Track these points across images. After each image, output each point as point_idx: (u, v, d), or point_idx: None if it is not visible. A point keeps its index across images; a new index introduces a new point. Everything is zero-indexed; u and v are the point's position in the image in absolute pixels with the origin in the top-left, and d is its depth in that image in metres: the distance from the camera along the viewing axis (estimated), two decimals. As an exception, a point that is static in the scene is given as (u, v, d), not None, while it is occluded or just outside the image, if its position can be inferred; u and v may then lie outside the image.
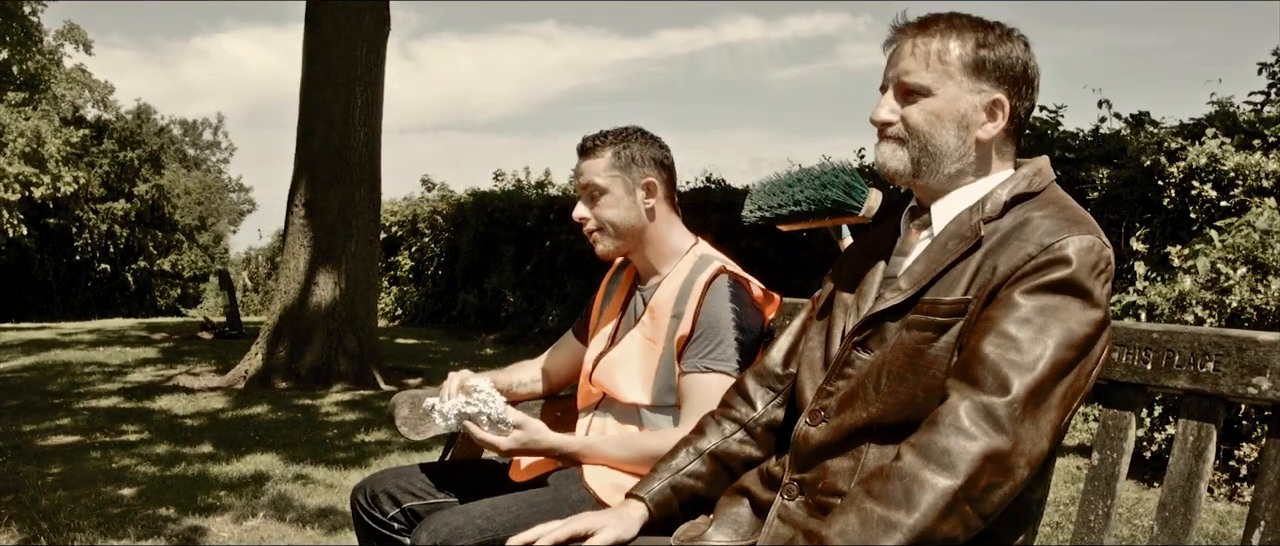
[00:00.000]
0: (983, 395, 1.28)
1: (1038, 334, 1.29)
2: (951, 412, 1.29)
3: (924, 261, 1.44)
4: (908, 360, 1.40)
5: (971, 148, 1.46)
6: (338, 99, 7.67)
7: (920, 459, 1.28)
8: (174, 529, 3.68)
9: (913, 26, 1.48)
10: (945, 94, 1.44)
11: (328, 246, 7.67)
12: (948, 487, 1.25)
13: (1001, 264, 1.35)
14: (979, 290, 1.36)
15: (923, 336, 1.39)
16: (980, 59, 1.43)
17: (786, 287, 2.50)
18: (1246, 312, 4.13)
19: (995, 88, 1.44)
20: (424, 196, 14.63)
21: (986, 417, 1.27)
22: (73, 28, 24.56)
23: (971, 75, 1.43)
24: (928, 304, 1.40)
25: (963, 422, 1.27)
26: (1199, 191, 5.02)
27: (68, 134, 19.81)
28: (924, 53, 1.44)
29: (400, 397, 2.19)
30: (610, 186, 2.02)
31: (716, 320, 1.92)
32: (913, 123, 1.46)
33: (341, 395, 7.13)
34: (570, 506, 1.85)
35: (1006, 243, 1.37)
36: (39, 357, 9.01)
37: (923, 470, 1.26)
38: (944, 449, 1.27)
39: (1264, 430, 4.08)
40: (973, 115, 1.44)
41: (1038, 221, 1.37)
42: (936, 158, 1.46)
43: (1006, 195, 1.43)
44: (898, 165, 1.48)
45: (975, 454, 1.26)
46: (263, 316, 10.32)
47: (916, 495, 1.25)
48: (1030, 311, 1.31)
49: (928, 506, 1.25)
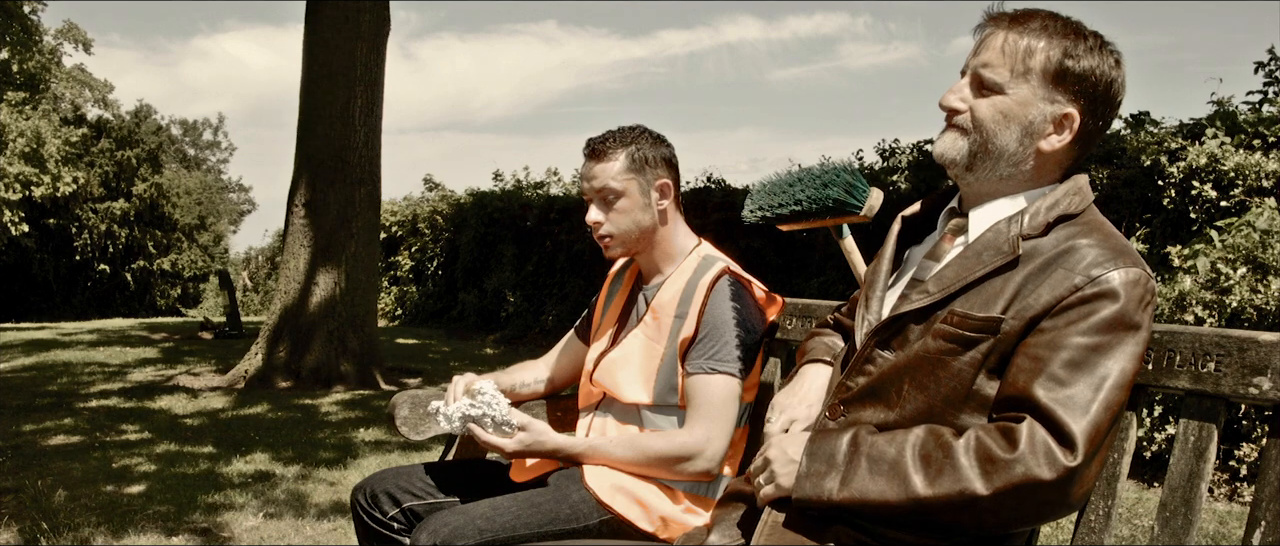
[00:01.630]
0: (1048, 436, 1.27)
1: (1091, 377, 1.29)
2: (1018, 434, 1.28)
3: (955, 268, 1.42)
4: (930, 369, 1.39)
5: (1031, 156, 1.42)
6: (338, 99, 7.68)
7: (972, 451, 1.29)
8: (174, 529, 3.68)
9: (1006, 18, 1.43)
10: (1018, 95, 1.40)
11: (328, 246, 7.68)
12: (974, 492, 1.27)
13: (1045, 293, 1.33)
14: (1018, 313, 1.34)
15: (948, 347, 1.38)
16: (1063, 68, 1.38)
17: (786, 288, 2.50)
18: (1246, 313, 4.13)
19: (1071, 101, 1.39)
20: (424, 196, 14.63)
21: (1048, 459, 1.26)
22: (72, 27, 24.57)
23: (1050, 83, 1.39)
24: (957, 316, 1.38)
25: (1021, 447, 1.27)
26: (1199, 191, 5.02)
27: (68, 133, 19.80)
28: (1010, 48, 1.40)
29: (400, 398, 2.19)
30: (627, 189, 1.99)
31: (720, 321, 1.91)
32: (979, 116, 1.42)
33: (341, 395, 7.13)
34: (570, 506, 1.85)
35: (1050, 269, 1.34)
36: (39, 357, 9.01)
37: (969, 466, 1.28)
38: (995, 459, 1.28)
39: (1264, 430, 4.08)
40: (1040, 124, 1.40)
41: (1084, 250, 1.34)
42: (993, 157, 1.42)
43: (1050, 215, 1.39)
44: (954, 155, 1.45)
45: (1019, 479, 1.26)
46: (263, 316, 10.33)
47: (944, 478, 1.28)
48: (1081, 353, 1.30)
49: (943, 492, 1.28)
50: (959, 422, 1.37)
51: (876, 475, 1.32)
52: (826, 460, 1.37)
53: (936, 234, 1.55)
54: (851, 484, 1.33)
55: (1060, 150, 1.42)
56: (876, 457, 1.34)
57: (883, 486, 1.32)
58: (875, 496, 1.32)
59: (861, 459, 1.35)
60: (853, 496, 1.33)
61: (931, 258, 1.50)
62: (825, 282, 7.39)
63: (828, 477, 1.36)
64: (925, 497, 1.29)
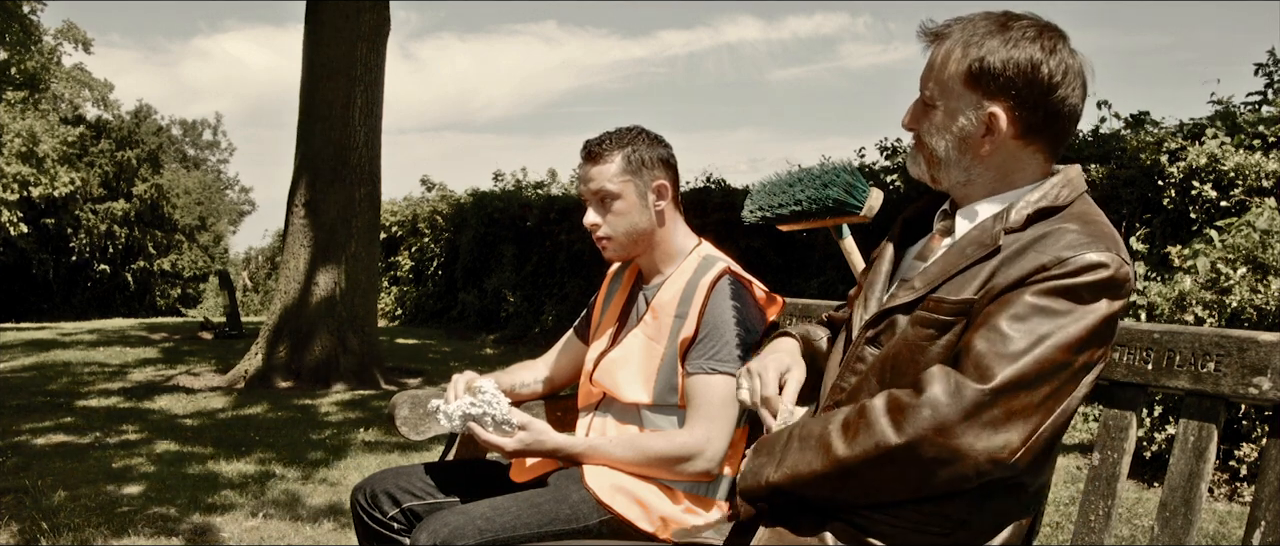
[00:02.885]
0: (963, 376, 1.28)
1: (1030, 331, 1.27)
2: (927, 378, 1.30)
3: (940, 264, 1.43)
4: (909, 354, 1.39)
5: (975, 162, 1.42)
6: (338, 99, 7.67)
7: (883, 407, 1.31)
8: (174, 528, 3.67)
9: (931, 33, 1.43)
10: (946, 107, 1.41)
11: (328, 246, 7.67)
12: (888, 443, 1.28)
13: (1014, 272, 1.33)
14: (987, 292, 1.34)
15: (925, 333, 1.38)
16: (977, 70, 1.37)
17: (787, 288, 2.50)
18: (1246, 313, 4.13)
19: (992, 100, 1.38)
20: (424, 196, 14.63)
21: (954, 393, 1.26)
22: (71, 27, 24.56)
23: (968, 87, 1.38)
24: (933, 301, 1.39)
25: (931, 389, 1.28)
26: (1199, 191, 5.01)
27: (66, 133, 19.79)
28: (934, 62, 1.42)
29: (400, 397, 2.19)
30: (623, 192, 1.99)
31: (720, 321, 1.91)
32: (921, 137, 1.46)
33: (341, 395, 7.12)
34: (570, 506, 1.85)
35: (1023, 253, 1.34)
36: (39, 357, 9.01)
37: (881, 418, 1.30)
38: (903, 405, 1.29)
39: (1264, 430, 4.08)
40: (971, 130, 1.40)
41: (1059, 235, 1.33)
42: (944, 167, 1.44)
43: (1029, 209, 1.38)
44: (917, 173, 1.50)
45: (927, 422, 1.26)
46: (263, 316, 10.32)
47: (861, 437, 1.31)
48: (1027, 310, 1.29)
49: (861, 450, 1.30)
50: None
51: (805, 450, 1.36)
52: (768, 451, 1.42)
53: (930, 233, 1.56)
54: (784, 464, 1.38)
55: (1009, 148, 1.40)
56: (806, 436, 1.38)
57: (810, 458, 1.35)
58: (804, 469, 1.35)
59: (793, 440, 1.39)
60: (785, 473, 1.37)
61: (920, 257, 1.51)
62: (825, 282, 7.39)
63: (767, 466, 1.40)
64: (845, 457, 1.31)
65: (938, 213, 1.55)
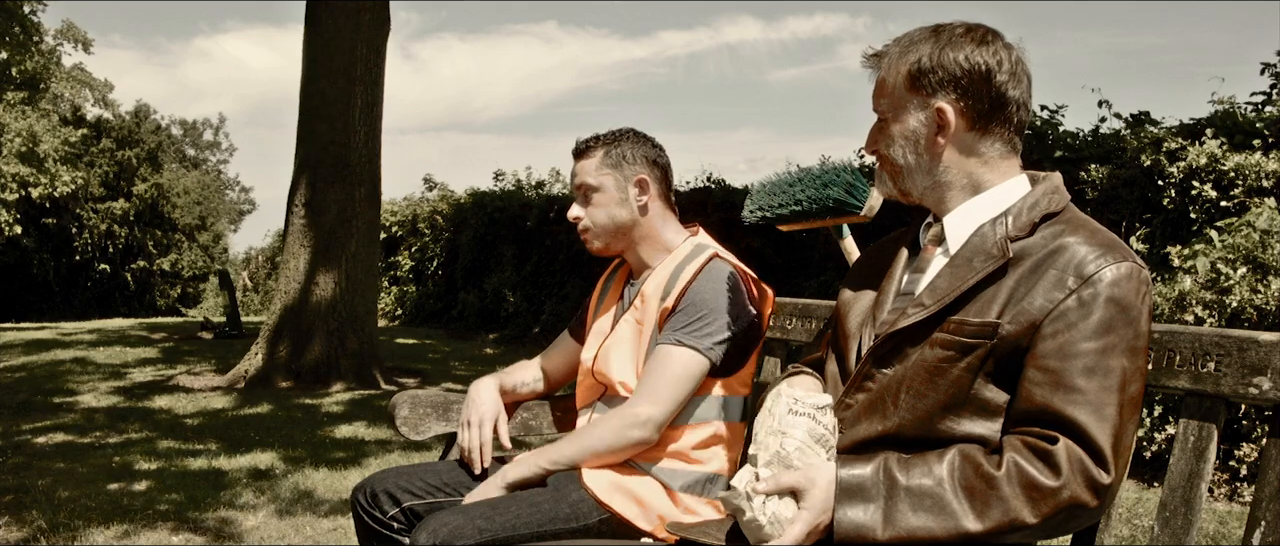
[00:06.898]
0: (1084, 454, 1.29)
1: (1107, 385, 1.30)
2: (1057, 457, 1.29)
3: (947, 277, 1.42)
4: (928, 377, 1.39)
5: (936, 161, 1.45)
6: (338, 99, 7.68)
7: (1017, 481, 1.30)
8: (174, 528, 3.68)
9: (870, 57, 1.50)
10: (897, 117, 1.46)
11: (328, 246, 7.68)
12: (1024, 522, 1.29)
13: (1040, 295, 1.34)
14: (1014, 317, 1.34)
15: (946, 355, 1.38)
16: (915, 72, 1.43)
17: (786, 288, 2.50)
18: (1246, 313, 4.14)
19: (935, 96, 1.43)
20: (424, 196, 14.63)
21: (1081, 469, 1.29)
22: (71, 27, 24.55)
23: (912, 91, 1.44)
24: (954, 324, 1.38)
25: (1063, 472, 1.28)
26: (1199, 191, 5.02)
27: (66, 133, 19.79)
28: (879, 82, 1.48)
29: (400, 397, 2.19)
30: (602, 184, 2.04)
31: (700, 299, 1.92)
32: (882, 152, 1.50)
33: (342, 395, 7.13)
34: (569, 505, 1.86)
35: (1042, 270, 1.35)
36: (39, 357, 9.01)
37: (1015, 498, 1.29)
38: (1041, 488, 1.29)
39: (1264, 430, 4.08)
40: (922, 130, 1.45)
41: (1073, 248, 1.35)
42: (908, 175, 1.48)
43: (1034, 215, 1.40)
44: (885, 192, 1.54)
45: (1064, 502, 1.28)
46: (263, 316, 10.32)
47: (992, 511, 1.30)
48: (1093, 359, 1.30)
49: (993, 524, 1.30)
50: (957, 427, 1.38)
51: (919, 510, 1.32)
52: (861, 498, 1.34)
53: (920, 246, 1.55)
54: (897, 522, 1.32)
55: (963, 142, 1.44)
56: (917, 493, 1.33)
57: (928, 521, 1.31)
58: (923, 534, 1.31)
59: (900, 493, 1.33)
60: (899, 534, 1.32)
61: (917, 270, 1.51)
62: (825, 282, 7.39)
63: (871, 523, 1.33)
64: (975, 532, 1.30)
65: (922, 226, 1.56)
